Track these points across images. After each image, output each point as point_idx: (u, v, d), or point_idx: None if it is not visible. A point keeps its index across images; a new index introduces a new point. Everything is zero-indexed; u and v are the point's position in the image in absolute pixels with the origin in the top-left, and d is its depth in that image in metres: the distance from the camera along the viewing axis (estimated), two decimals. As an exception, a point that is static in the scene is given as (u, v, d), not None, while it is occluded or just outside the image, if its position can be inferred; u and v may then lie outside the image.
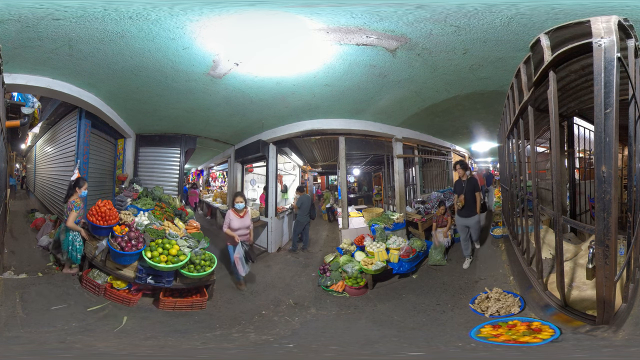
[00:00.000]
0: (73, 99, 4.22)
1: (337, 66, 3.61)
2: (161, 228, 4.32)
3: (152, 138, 6.34)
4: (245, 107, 4.78)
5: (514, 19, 2.65)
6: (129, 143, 6.11)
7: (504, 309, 3.14)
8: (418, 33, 2.93)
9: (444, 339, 2.89)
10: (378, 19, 2.75)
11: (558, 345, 2.27)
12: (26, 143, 7.04)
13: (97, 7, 2.55)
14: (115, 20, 2.70)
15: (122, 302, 3.64)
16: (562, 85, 2.75)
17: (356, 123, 5.61)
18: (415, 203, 6.71)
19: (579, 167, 4.81)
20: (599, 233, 1.92)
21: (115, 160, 6.05)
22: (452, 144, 7.95)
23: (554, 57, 2.20)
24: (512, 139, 4.03)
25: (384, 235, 5.20)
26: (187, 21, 2.75)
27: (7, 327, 2.66)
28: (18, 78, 3.63)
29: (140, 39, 2.99)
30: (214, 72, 3.67)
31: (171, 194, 6.08)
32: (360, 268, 4.56)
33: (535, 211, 2.95)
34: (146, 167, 6.34)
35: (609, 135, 1.82)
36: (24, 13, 2.59)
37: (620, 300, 2.20)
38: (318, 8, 2.66)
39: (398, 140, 6.19)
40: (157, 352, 2.62)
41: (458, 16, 2.67)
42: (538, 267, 2.96)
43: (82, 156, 4.87)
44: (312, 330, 3.35)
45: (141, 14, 2.64)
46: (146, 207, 4.88)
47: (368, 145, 6.18)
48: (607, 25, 1.85)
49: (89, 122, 4.97)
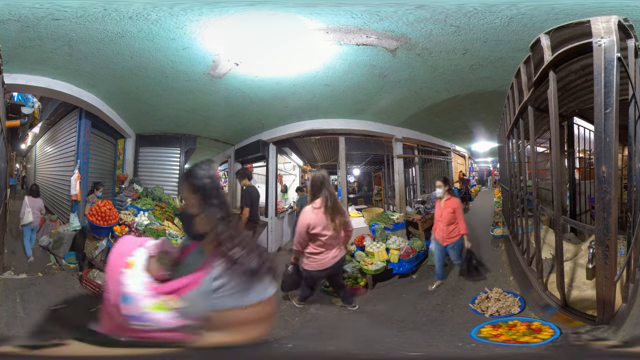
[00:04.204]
0: (73, 99, 4.22)
1: (337, 66, 3.61)
2: (161, 228, 4.32)
3: (152, 138, 6.33)
4: (245, 107, 4.78)
5: (514, 19, 2.65)
6: (129, 143, 6.11)
7: (504, 309, 3.14)
8: (418, 33, 2.93)
9: (444, 339, 2.90)
10: (378, 19, 2.75)
11: (558, 345, 2.27)
12: (26, 143, 7.03)
13: (97, 7, 2.56)
14: (115, 20, 2.70)
15: (122, 302, 3.64)
16: (562, 85, 2.75)
17: (356, 123, 5.61)
18: (415, 203, 6.71)
19: (579, 167, 4.81)
20: (599, 233, 1.92)
21: (115, 160, 6.04)
22: (452, 144, 7.94)
23: (554, 57, 2.20)
24: (512, 139, 4.03)
25: (384, 235, 5.20)
26: (187, 21, 2.75)
27: (7, 327, 2.66)
28: (18, 78, 3.62)
29: (140, 39, 2.99)
30: (214, 72, 3.67)
31: (171, 194, 6.07)
32: (360, 268, 4.56)
33: (535, 211, 2.95)
34: (146, 167, 6.34)
35: (609, 135, 1.81)
36: (24, 13, 2.59)
37: (620, 300, 2.20)
38: (318, 8, 2.66)
39: (398, 140, 6.19)
40: (157, 352, 2.62)
41: (458, 16, 2.67)
42: (538, 267, 2.95)
43: (82, 156, 4.87)
44: (312, 330, 3.35)
45: (141, 14, 2.64)
46: (146, 207, 4.88)
47: (368, 145, 6.18)
48: (607, 25, 1.85)
49: (89, 122, 4.96)
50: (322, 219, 2.93)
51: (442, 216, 4.27)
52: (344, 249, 3.27)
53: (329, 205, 2.92)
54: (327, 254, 3.04)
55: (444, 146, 7.65)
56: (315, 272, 3.10)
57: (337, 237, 3.06)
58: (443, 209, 4.27)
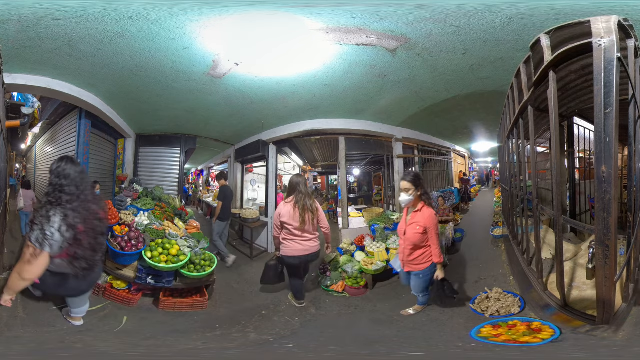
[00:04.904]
0: (73, 99, 4.21)
1: (337, 66, 3.61)
2: (161, 228, 4.32)
3: (152, 138, 6.34)
4: (245, 107, 4.78)
5: (514, 19, 2.65)
6: (129, 143, 6.11)
7: (504, 309, 3.14)
8: (418, 33, 2.93)
9: (444, 339, 2.89)
10: (378, 19, 2.75)
11: (558, 345, 2.27)
12: (26, 143, 7.03)
13: (97, 7, 2.55)
14: (115, 20, 2.70)
15: (122, 302, 3.64)
16: (562, 85, 2.75)
17: (356, 123, 5.61)
18: (415, 203, 6.71)
19: (579, 167, 4.81)
20: (599, 233, 1.92)
21: (115, 160, 6.05)
22: (452, 144, 7.95)
23: (554, 57, 2.20)
24: (512, 139, 4.03)
25: (384, 235, 5.20)
26: (187, 21, 2.75)
27: (7, 327, 2.66)
28: (18, 78, 3.62)
29: (140, 39, 2.99)
30: (214, 72, 3.67)
31: (171, 194, 6.08)
32: (360, 268, 4.56)
33: (535, 211, 2.95)
34: (146, 167, 6.34)
35: (609, 135, 1.82)
36: (24, 13, 2.58)
37: (620, 300, 2.20)
38: (318, 8, 2.66)
39: (398, 140, 6.19)
40: (157, 352, 2.62)
41: (458, 16, 2.67)
42: (538, 267, 2.96)
43: (82, 156, 4.87)
44: (312, 330, 3.35)
45: (141, 14, 2.64)
46: (146, 207, 4.88)
47: (368, 145, 6.18)
48: (607, 25, 1.85)
49: (89, 122, 4.97)
50: (290, 211, 3.58)
51: (405, 235, 3.15)
52: (317, 246, 3.77)
53: (300, 202, 3.57)
54: (297, 243, 3.64)
55: (444, 146, 7.66)
56: (287, 258, 3.69)
57: (304, 230, 3.61)
58: (408, 225, 3.15)
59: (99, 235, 2.25)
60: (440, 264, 3.18)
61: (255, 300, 4.15)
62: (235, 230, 6.82)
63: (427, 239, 3.11)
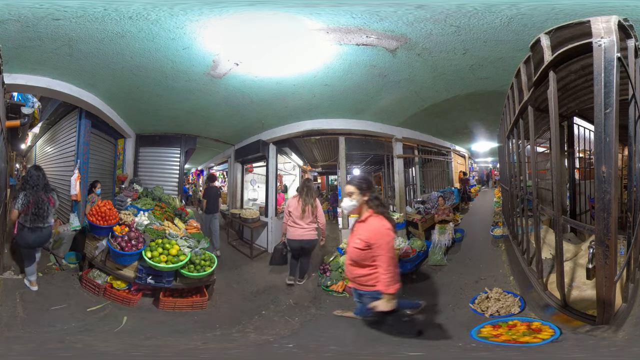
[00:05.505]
0: (73, 99, 4.22)
1: (337, 66, 3.61)
2: (161, 228, 4.32)
3: (152, 138, 6.34)
4: (245, 107, 4.78)
5: (514, 19, 2.65)
6: (129, 143, 6.11)
7: (504, 309, 3.14)
8: (418, 33, 2.93)
9: (444, 339, 2.89)
10: (378, 19, 2.75)
11: (558, 345, 2.27)
12: (26, 143, 7.03)
13: (97, 7, 2.55)
14: (115, 20, 2.70)
15: (122, 302, 3.64)
16: (562, 85, 2.75)
17: (356, 123, 5.61)
18: (415, 203, 6.71)
19: (579, 167, 4.81)
20: (599, 233, 1.92)
21: (115, 160, 6.05)
22: (452, 144, 7.95)
23: (554, 57, 2.20)
24: (512, 139, 4.03)
25: (384, 235, 5.19)
26: (187, 21, 2.75)
27: (7, 327, 2.66)
28: (18, 78, 3.63)
29: (140, 39, 2.99)
30: (214, 72, 3.67)
31: (171, 194, 6.07)
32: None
33: (535, 211, 2.95)
34: (146, 167, 6.34)
35: (609, 135, 1.82)
36: (24, 13, 2.59)
37: (620, 300, 2.20)
38: (318, 8, 2.66)
39: (398, 140, 6.19)
40: (157, 352, 2.62)
41: (458, 16, 2.67)
42: (538, 267, 2.96)
43: (82, 156, 4.87)
44: (312, 330, 3.35)
45: (141, 14, 2.64)
46: (146, 207, 4.88)
47: (368, 145, 6.18)
48: (607, 25, 1.85)
49: (89, 122, 4.97)
50: (295, 203, 4.49)
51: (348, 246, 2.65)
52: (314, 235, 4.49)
53: (303, 198, 4.46)
54: (296, 229, 4.44)
55: (444, 146, 7.66)
56: (289, 241, 4.50)
57: (303, 218, 4.42)
58: (350, 236, 2.68)
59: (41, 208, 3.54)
60: (388, 295, 2.40)
61: (255, 300, 4.15)
62: (236, 230, 6.82)
63: (373, 257, 2.47)
